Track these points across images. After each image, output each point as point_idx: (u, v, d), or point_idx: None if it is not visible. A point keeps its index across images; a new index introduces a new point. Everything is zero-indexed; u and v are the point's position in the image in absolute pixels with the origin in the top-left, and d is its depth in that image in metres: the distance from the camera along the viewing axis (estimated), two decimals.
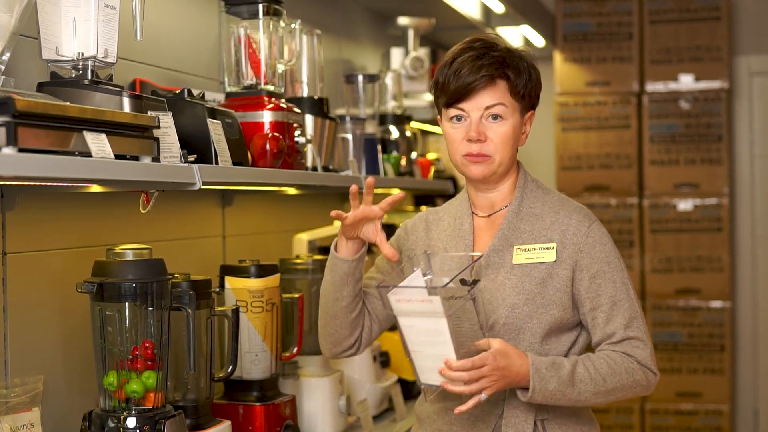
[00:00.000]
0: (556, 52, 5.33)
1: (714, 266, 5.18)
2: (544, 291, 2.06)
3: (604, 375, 2.02)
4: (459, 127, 2.08)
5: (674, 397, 5.18)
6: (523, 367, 1.95)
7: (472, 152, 2.07)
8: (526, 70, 2.10)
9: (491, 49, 2.08)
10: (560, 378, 1.98)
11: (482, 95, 2.06)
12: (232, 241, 2.96)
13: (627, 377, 2.04)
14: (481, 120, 2.06)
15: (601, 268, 2.08)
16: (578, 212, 2.13)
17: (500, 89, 2.07)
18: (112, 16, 1.96)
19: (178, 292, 2.18)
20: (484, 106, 2.06)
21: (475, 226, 2.16)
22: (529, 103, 2.12)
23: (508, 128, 2.07)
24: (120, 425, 2.03)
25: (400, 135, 3.73)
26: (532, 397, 1.97)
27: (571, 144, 5.33)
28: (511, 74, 2.07)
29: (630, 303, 2.09)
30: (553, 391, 1.97)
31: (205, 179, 2.04)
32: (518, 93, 2.08)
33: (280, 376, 2.65)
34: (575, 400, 2.01)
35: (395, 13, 4.26)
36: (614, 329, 2.07)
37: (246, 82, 2.60)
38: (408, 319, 1.91)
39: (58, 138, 1.63)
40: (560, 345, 2.09)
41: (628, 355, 2.06)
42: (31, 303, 2.12)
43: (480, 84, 2.05)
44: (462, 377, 1.88)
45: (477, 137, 2.05)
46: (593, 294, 2.08)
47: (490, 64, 2.05)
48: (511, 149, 2.09)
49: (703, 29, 5.20)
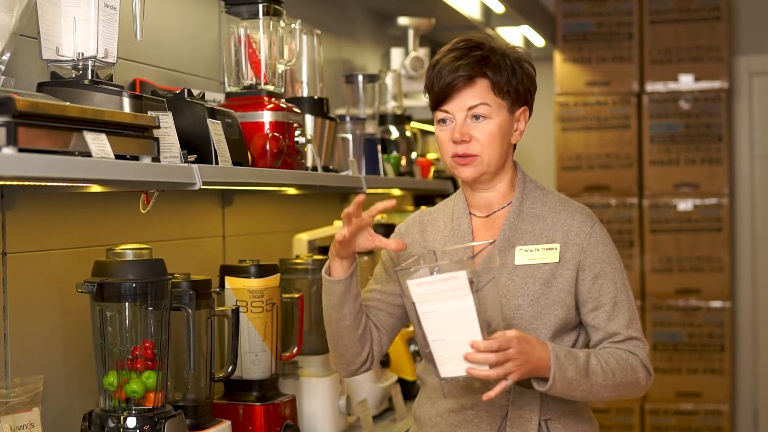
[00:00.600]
0: (556, 52, 5.33)
1: (714, 266, 5.18)
2: (548, 292, 2.06)
3: (613, 369, 2.02)
4: (446, 129, 2.09)
5: (674, 397, 5.18)
6: (544, 352, 1.92)
7: (458, 153, 2.06)
8: (508, 66, 2.07)
9: (473, 49, 2.07)
10: (577, 366, 1.96)
11: (463, 95, 2.05)
12: (232, 241, 2.96)
13: (632, 374, 2.05)
14: (465, 120, 2.06)
15: (603, 268, 2.08)
16: (580, 212, 2.13)
17: (481, 88, 2.06)
18: (112, 16, 1.96)
19: (178, 292, 2.18)
20: (467, 107, 2.06)
21: (473, 227, 2.15)
22: (517, 99, 2.10)
23: (493, 127, 2.06)
24: (120, 425, 2.03)
25: (400, 135, 3.73)
26: (552, 384, 1.93)
27: (571, 144, 5.33)
28: (490, 72, 2.05)
29: (629, 303, 2.10)
30: (570, 379, 1.95)
31: (205, 179, 2.04)
32: (501, 90, 2.06)
33: (280, 376, 2.65)
34: (587, 392, 2.00)
35: (395, 13, 4.26)
36: (617, 329, 2.07)
37: (246, 82, 2.60)
38: (428, 305, 1.85)
39: (58, 138, 1.63)
40: (563, 346, 2.08)
41: (632, 353, 2.06)
42: (31, 303, 2.12)
43: (459, 83, 2.05)
44: (489, 359, 1.83)
45: (461, 138, 2.05)
46: (596, 294, 2.08)
47: (467, 63, 2.05)
48: (498, 148, 2.07)
49: (703, 29, 5.20)
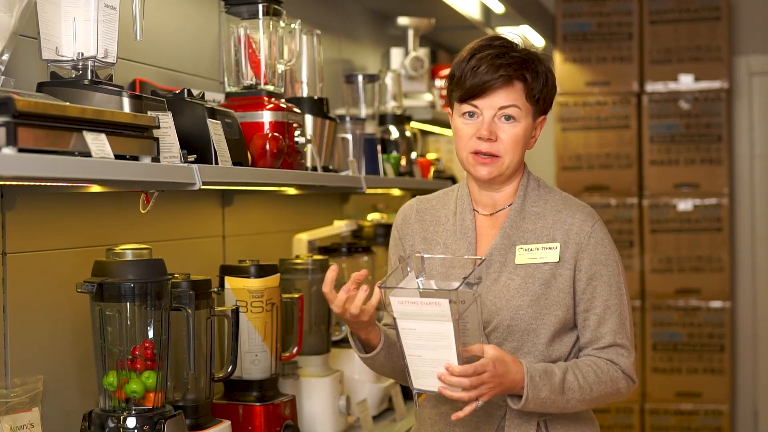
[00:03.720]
0: (556, 52, 5.33)
1: (714, 266, 5.18)
2: (548, 292, 2.05)
3: (591, 383, 2.02)
4: (470, 123, 2.06)
5: (674, 397, 5.18)
6: (518, 374, 1.93)
7: (480, 150, 2.04)
8: (543, 74, 2.07)
9: (511, 49, 2.05)
10: (552, 386, 1.97)
11: (498, 95, 2.03)
12: (232, 241, 2.96)
13: (611, 386, 2.05)
14: (493, 119, 2.04)
15: (599, 270, 2.07)
16: (581, 211, 2.12)
17: (516, 91, 2.04)
18: (112, 16, 1.96)
19: (178, 292, 2.18)
20: (499, 106, 2.04)
21: (477, 224, 2.14)
22: (542, 108, 2.10)
23: (519, 130, 2.05)
24: (120, 425, 2.03)
25: (399, 135, 3.73)
26: (525, 404, 1.95)
27: (571, 144, 5.33)
28: (528, 77, 2.04)
29: (622, 308, 2.08)
30: (544, 399, 1.97)
31: (205, 179, 2.04)
32: (533, 97, 2.06)
33: (280, 376, 2.65)
34: (562, 408, 2.02)
35: (395, 13, 4.26)
36: (603, 333, 2.06)
37: (246, 82, 2.60)
38: (409, 322, 1.86)
39: (58, 138, 1.63)
40: (563, 346, 2.08)
41: (614, 362, 2.06)
42: (31, 303, 2.12)
43: (497, 83, 2.02)
44: (462, 383, 1.85)
45: (488, 136, 2.03)
46: (588, 296, 2.07)
47: (509, 64, 2.03)
48: (520, 152, 2.07)
49: (703, 29, 5.20)
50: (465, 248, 2.10)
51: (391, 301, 1.87)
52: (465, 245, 2.11)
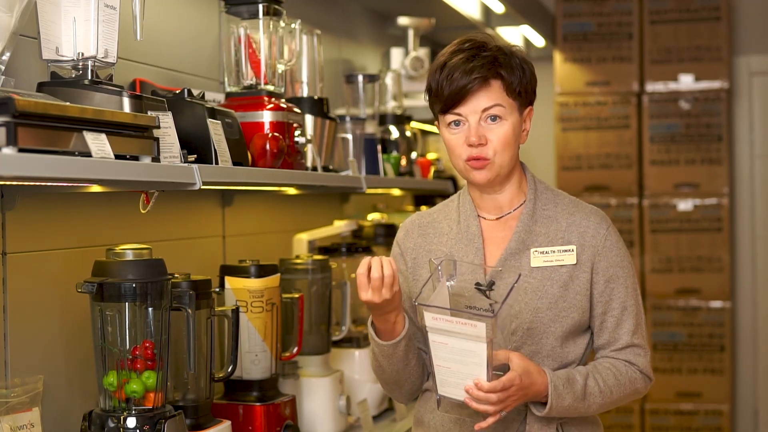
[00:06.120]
0: (556, 52, 5.33)
1: (714, 266, 5.18)
2: (566, 294, 2.05)
3: (611, 387, 2.04)
4: (458, 132, 2.04)
5: (674, 397, 5.18)
6: (542, 385, 1.96)
7: (472, 156, 2.03)
8: (518, 66, 2.05)
9: (481, 49, 2.03)
10: (575, 393, 1.99)
11: (478, 98, 2.02)
12: (232, 241, 2.96)
13: (630, 387, 2.07)
14: (479, 123, 2.02)
15: (615, 272, 2.08)
16: (594, 214, 2.12)
17: (495, 89, 2.02)
18: (112, 16, 1.96)
19: (178, 292, 2.18)
20: (481, 109, 2.02)
21: (483, 229, 2.12)
22: (526, 100, 2.08)
23: (507, 128, 2.03)
24: (120, 425, 2.03)
25: (400, 135, 3.73)
26: (548, 413, 1.98)
27: (571, 144, 5.33)
28: (504, 73, 2.02)
29: (637, 309, 2.09)
30: (567, 406, 1.99)
31: (205, 179, 2.04)
32: (514, 91, 2.04)
33: (280, 376, 2.65)
34: (584, 412, 2.05)
35: (395, 13, 4.26)
36: (621, 334, 2.08)
37: (246, 82, 2.60)
38: (442, 336, 1.87)
39: (58, 138, 1.63)
40: (577, 348, 2.09)
41: (631, 363, 2.07)
42: (31, 303, 2.12)
43: (474, 86, 2.01)
44: (490, 399, 1.87)
45: (478, 141, 2.01)
46: (606, 298, 2.07)
47: (481, 65, 2.01)
48: (512, 150, 2.05)
49: (703, 29, 5.20)
50: (472, 254, 2.08)
51: (425, 315, 1.88)
52: (472, 251, 2.09)
